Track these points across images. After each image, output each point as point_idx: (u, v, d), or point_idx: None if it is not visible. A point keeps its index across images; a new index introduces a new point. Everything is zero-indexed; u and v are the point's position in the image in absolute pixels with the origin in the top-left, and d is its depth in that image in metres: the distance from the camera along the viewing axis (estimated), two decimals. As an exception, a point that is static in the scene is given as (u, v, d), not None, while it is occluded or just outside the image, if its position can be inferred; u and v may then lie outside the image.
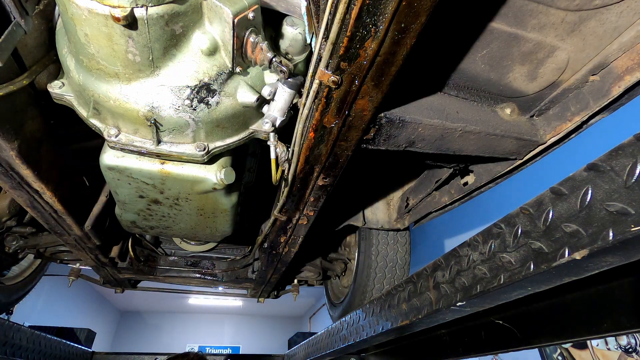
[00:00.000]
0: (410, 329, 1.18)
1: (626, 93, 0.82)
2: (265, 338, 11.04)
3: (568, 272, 0.64)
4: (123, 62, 0.83)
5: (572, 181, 0.61)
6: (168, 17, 0.77)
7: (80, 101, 1.00)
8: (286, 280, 2.68)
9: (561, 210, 0.63)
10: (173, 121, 0.93)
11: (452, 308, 0.92)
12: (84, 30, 0.78)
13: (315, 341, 2.23)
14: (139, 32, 0.77)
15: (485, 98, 0.96)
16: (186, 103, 0.90)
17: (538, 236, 0.68)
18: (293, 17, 0.92)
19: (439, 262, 1.02)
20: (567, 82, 0.89)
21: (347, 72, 0.66)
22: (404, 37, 0.60)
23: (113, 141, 0.98)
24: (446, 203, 1.48)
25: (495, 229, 0.80)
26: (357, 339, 1.51)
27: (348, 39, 0.59)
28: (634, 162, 0.52)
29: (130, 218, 1.45)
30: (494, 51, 0.82)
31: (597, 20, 0.75)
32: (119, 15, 0.72)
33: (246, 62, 0.87)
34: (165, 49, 0.83)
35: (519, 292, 0.77)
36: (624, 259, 0.56)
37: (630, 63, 0.79)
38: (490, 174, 1.22)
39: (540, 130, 0.99)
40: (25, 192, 1.19)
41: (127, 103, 0.89)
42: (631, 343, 2.27)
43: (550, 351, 2.77)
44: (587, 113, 0.87)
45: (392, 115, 0.84)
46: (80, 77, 0.91)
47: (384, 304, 1.31)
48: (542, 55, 0.83)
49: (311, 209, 1.20)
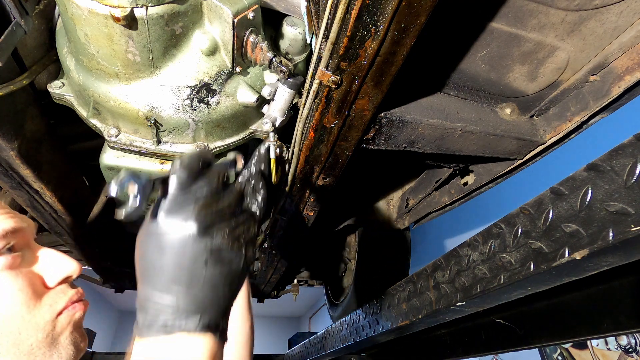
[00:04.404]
0: (410, 329, 1.18)
1: (626, 93, 0.82)
2: (265, 338, 11.03)
3: (568, 272, 0.64)
4: (123, 62, 0.83)
5: (572, 181, 0.62)
6: (168, 17, 0.77)
7: (80, 101, 1.00)
8: (286, 280, 2.68)
9: (561, 210, 0.63)
10: (173, 121, 0.93)
11: (452, 308, 0.92)
12: (84, 30, 0.78)
13: (315, 341, 2.23)
14: (139, 32, 0.77)
15: (485, 98, 0.96)
16: (186, 103, 0.90)
17: (538, 236, 0.68)
18: (293, 17, 0.92)
19: (439, 262, 1.02)
20: (567, 82, 0.89)
21: (347, 72, 0.66)
22: (404, 37, 0.60)
23: (113, 141, 0.98)
24: (446, 203, 1.47)
25: (495, 229, 0.80)
26: (357, 339, 1.51)
27: (348, 39, 0.59)
28: (634, 162, 0.52)
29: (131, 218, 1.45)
30: (494, 51, 0.82)
31: (597, 20, 0.75)
32: (119, 15, 0.72)
33: (246, 62, 0.88)
34: (165, 49, 0.83)
35: (519, 292, 0.77)
36: (624, 259, 0.56)
37: (630, 63, 0.79)
38: (490, 174, 1.22)
39: (540, 130, 0.99)
40: (25, 192, 1.19)
41: (127, 103, 0.89)
42: (631, 343, 2.27)
43: (550, 351, 2.77)
44: (587, 113, 0.87)
45: (392, 115, 0.84)
46: (80, 77, 0.91)
47: (384, 304, 1.31)
48: (542, 55, 0.83)
49: (311, 209, 1.20)
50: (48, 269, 0.60)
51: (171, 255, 0.45)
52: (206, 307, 0.45)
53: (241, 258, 0.49)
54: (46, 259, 0.61)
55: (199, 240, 0.45)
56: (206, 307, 0.45)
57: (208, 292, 0.45)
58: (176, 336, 0.44)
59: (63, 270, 0.61)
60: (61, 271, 0.61)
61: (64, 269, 0.61)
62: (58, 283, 0.60)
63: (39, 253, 0.62)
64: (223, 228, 0.47)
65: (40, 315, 0.56)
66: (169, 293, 0.44)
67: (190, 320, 0.44)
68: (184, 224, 0.45)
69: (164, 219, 0.46)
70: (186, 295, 0.44)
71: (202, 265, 0.45)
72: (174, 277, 0.45)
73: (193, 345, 0.44)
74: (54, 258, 0.62)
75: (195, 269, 0.45)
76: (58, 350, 0.57)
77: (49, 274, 0.60)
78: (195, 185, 0.47)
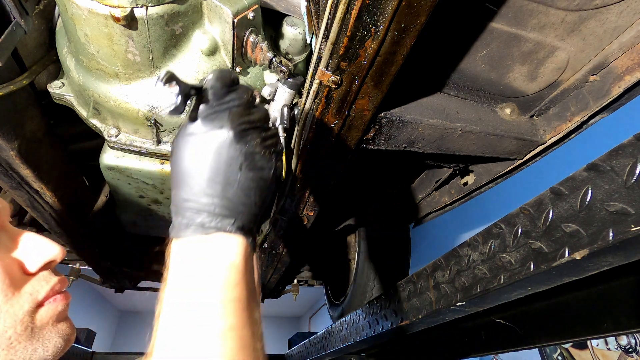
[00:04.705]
0: (410, 329, 1.18)
1: (626, 93, 0.82)
2: (265, 338, 11.01)
3: (568, 272, 0.64)
4: (123, 62, 0.83)
5: (572, 181, 0.61)
6: (168, 17, 0.77)
7: (80, 101, 1.00)
8: (286, 280, 2.68)
9: (561, 210, 0.63)
10: (173, 121, 0.93)
11: (452, 308, 0.92)
12: (84, 30, 0.78)
13: (315, 341, 2.23)
14: (139, 32, 0.77)
15: (485, 98, 0.96)
16: (186, 103, 0.90)
17: (538, 236, 0.68)
18: (293, 17, 0.92)
19: (439, 262, 1.02)
20: (567, 82, 0.89)
21: (347, 72, 0.66)
22: (404, 37, 0.60)
23: (113, 141, 0.98)
24: (446, 203, 1.47)
25: (495, 229, 0.80)
26: (357, 339, 1.51)
27: (348, 39, 0.59)
28: (634, 162, 0.52)
29: (131, 218, 1.45)
30: (494, 51, 0.82)
31: (597, 20, 0.75)
32: (119, 15, 0.72)
33: (246, 62, 0.87)
34: (165, 49, 0.83)
35: (519, 292, 0.77)
36: (624, 259, 0.56)
37: (630, 63, 0.79)
38: (490, 174, 1.22)
39: (540, 130, 0.99)
40: (25, 192, 1.19)
41: (127, 103, 0.89)
42: (631, 343, 2.27)
43: (550, 351, 2.77)
44: (587, 113, 0.87)
45: (392, 115, 0.84)
46: (80, 77, 0.91)
47: (384, 304, 1.31)
48: (542, 55, 0.83)
49: (311, 209, 1.20)
50: (29, 253, 0.55)
51: (208, 159, 0.48)
52: (240, 210, 0.48)
53: (271, 166, 0.52)
54: (27, 243, 0.56)
55: (234, 145, 0.48)
56: (240, 211, 0.48)
57: (241, 196, 0.48)
58: (213, 235, 0.46)
59: (45, 254, 0.56)
60: (43, 255, 0.56)
61: (46, 253, 0.56)
62: (40, 268, 0.55)
63: (19, 238, 0.57)
64: (255, 136, 0.50)
65: (19, 305, 0.51)
66: (206, 195, 0.47)
67: (226, 221, 0.47)
68: (220, 130, 0.48)
69: (201, 126, 0.49)
70: (222, 198, 0.47)
71: (236, 170, 0.48)
72: (211, 181, 0.47)
73: (229, 243, 0.47)
74: (35, 242, 0.57)
75: (230, 172, 0.48)
76: (43, 344, 0.53)
77: (29, 258, 0.55)
78: (227, 97, 0.50)
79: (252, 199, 0.49)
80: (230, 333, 0.43)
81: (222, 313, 0.44)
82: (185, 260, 0.47)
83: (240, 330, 0.44)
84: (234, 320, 0.44)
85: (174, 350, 0.42)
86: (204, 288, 0.45)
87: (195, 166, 0.48)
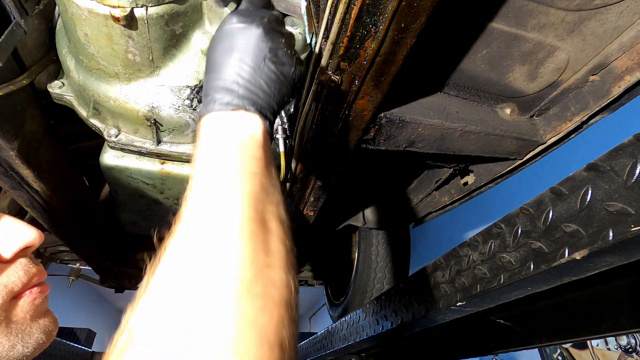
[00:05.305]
0: (410, 329, 1.18)
1: (626, 93, 0.82)
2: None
3: (568, 272, 0.64)
4: (123, 62, 0.83)
5: (572, 181, 0.62)
6: (168, 17, 0.77)
7: (80, 101, 1.00)
8: (286, 280, 2.68)
9: (561, 210, 0.63)
10: (173, 121, 0.93)
11: (452, 308, 0.92)
12: (84, 30, 0.78)
13: (315, 341, 2.23)
14: (139, 32, 0.77)
15: (485, 98, 0.96)
16: (186, 103, 0.90)
17: (538, 236, 0.68)
18: (293, 17, 0.92)
19: (439, 262, 1.02)
20: (567, 82, 0.89)
21: (347, 72, 0.66)
22: (404, 37, 0.60)
23: (113, 141, 0.98)
24: (446, 203, 1.47)
25: (495, 229, 0.80)
26: (357, 339, 1.51)
27: (348, 39, 0.59)
28: (634, 162, 0.52)
29: (131, 218, 1.45)
30: (494, 51, 0.82)
31: (597, 20, 0.75)
32: (119, 15, 0.72)
33: (246, 62, 0.87)
34: (165, 49, 0.83)
35: (519, 292, 0.77)
36: (624, 259, 0.56)
37: (630, 63, 0.79)
38: (490, 174, 1.22)
39: (540, 130, 0.99)
40: (25, 192, 1.19)
41: (127, 103, 0.89)
42: (631, 343, 2.27)
43: (550, 351, 2.77)
44: (587, 113, 0.87)
45: (392, 115, 0.84)
46: (80, 77, 0.91)
47: (384, 304, 1.31)
48: (542, 55, 0.83)
49: (311, 209, 1.20)
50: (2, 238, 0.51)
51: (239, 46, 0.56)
52: (260, 96, 0.55)
53: (292, 64, 0.59)
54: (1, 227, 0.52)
55: (262, 39, 0.56)
56: (261, 97, 0.55)
57: (263, 84, 0.56)
58: (237, 112, 0.53)
59: (19, 239, 0.52)
60: (17, 240, 0.51)
61: (21, 237, 0.52)
62: (15, 254, 0.51)
63: None
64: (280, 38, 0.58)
65: None
66: (233, 81, 0.55)
67: (247, 101, 0.54)
68: (251, 25, 0.57)
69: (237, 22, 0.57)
70: (247, 83, 0.55)
71: (261, 60, 0.56)
72: (239, 68, 0.55)
73: (251, 120, 0.53)
74: (9, 225, 0.52)
75: (257, 62, 0.55)
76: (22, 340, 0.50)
77: (3, 244, 0.51)
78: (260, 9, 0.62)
79: (272, 90, 0.57)
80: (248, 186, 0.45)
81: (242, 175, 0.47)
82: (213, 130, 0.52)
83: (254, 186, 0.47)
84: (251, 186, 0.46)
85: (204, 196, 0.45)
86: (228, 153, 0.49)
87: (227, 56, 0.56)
